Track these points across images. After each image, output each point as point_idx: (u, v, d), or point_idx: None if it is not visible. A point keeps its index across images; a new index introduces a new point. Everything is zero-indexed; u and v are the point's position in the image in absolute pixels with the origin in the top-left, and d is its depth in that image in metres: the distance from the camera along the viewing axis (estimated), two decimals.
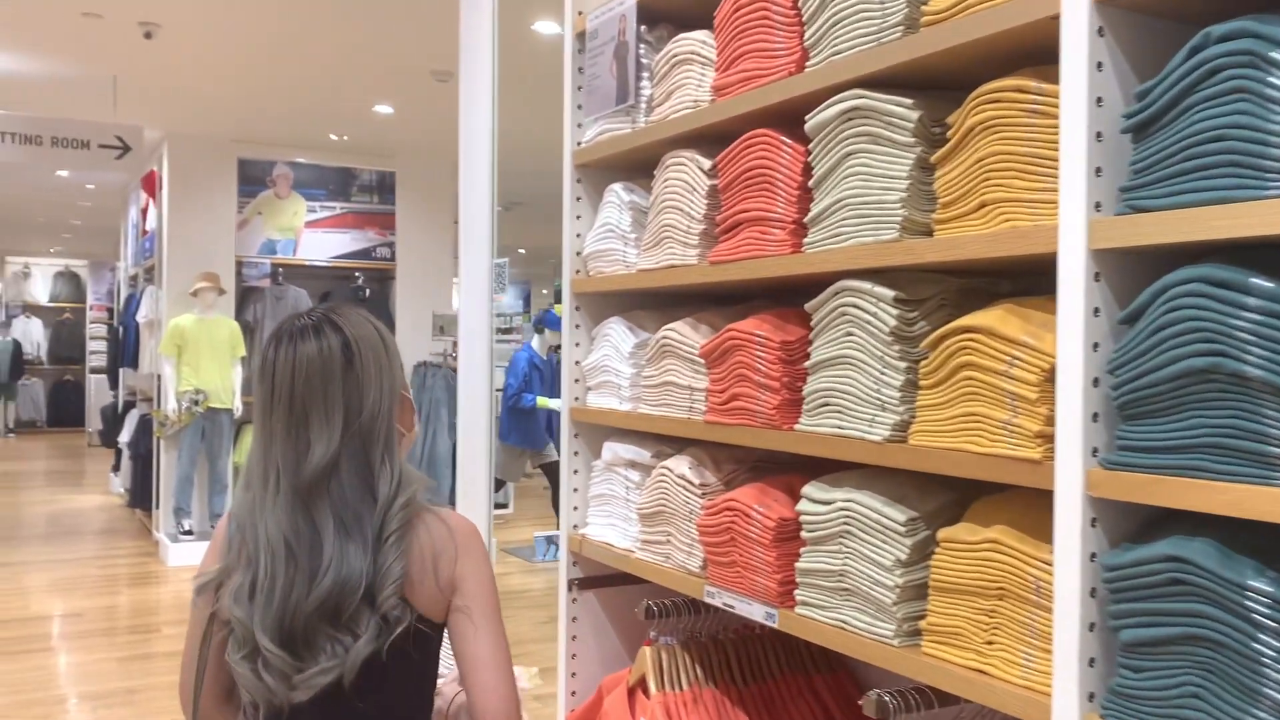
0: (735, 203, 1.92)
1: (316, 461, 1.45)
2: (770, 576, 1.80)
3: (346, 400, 1.48)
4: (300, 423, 1.47)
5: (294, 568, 1.44)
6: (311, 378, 1.47)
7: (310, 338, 1.49)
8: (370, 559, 1.45)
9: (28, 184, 10.78)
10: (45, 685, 5.24)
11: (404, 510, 1.49)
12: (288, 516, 1.46)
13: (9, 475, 12.98)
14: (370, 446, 1.50)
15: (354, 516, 1.46)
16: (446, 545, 1.51)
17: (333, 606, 1.43)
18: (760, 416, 1.84)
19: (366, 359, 1.51)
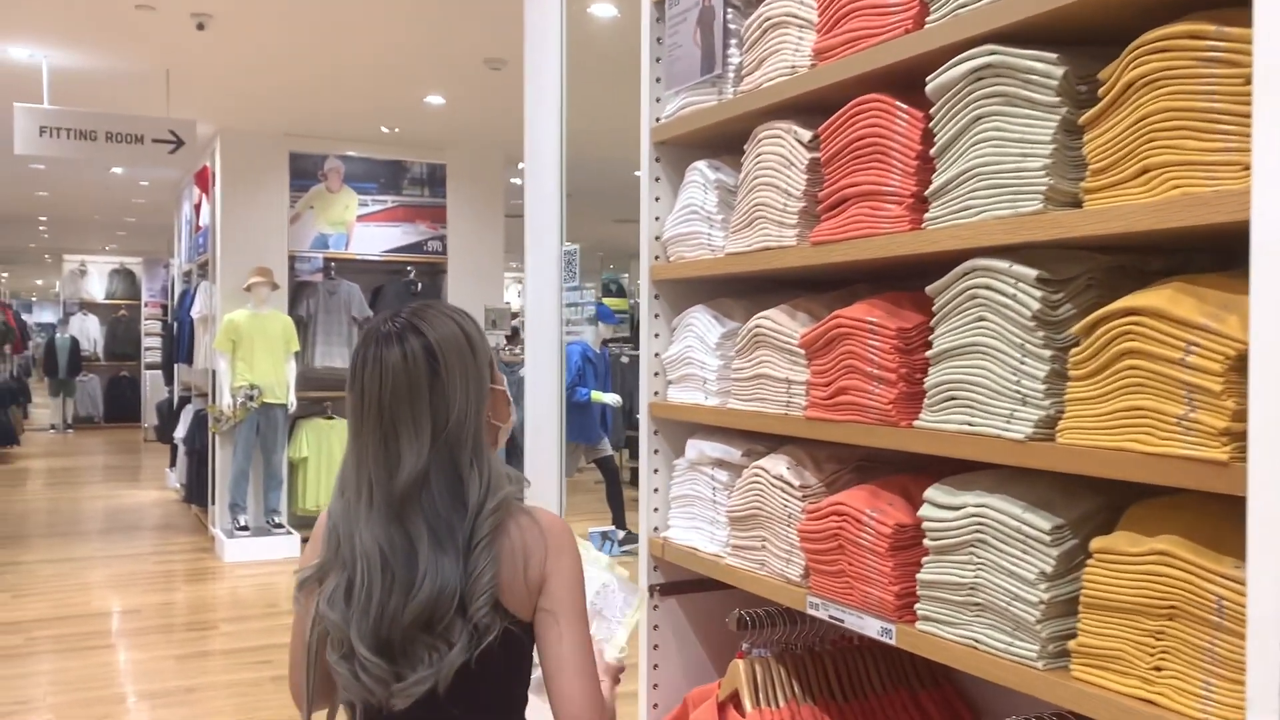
0: (841, 177, 1.74)
1: (406, 476, 1.45)
2: (886, 588, 1.63)
3: (434, 411, 1.47)
4: (390, 435, 1.47)
5: (390, 579, 1.44)
6: (398, 389, 1.46)
7: (395, 344, 1.48)
8: (462, 568, 1.45)
9: (83, 182, 10.86)
10: (105, 683, 5.21)
11: (495, 514, 1.48)
12: (383, 528, 1.46)
13: (69, 470, 13.12)
14: (458, 453, 1.48)
15: (446, 526, 1.46)
16: (537, 545, 1.50)
17: (427, 617, 1.43)
18: (873, 412, 1.66)
19: (451, 365, 1.49)
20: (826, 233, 1.76)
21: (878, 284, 2.02)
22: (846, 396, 1.71)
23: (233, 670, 5.39)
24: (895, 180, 1.64)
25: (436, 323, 1.51)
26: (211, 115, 7.75)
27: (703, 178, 2.14)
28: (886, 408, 1.63)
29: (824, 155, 1.78)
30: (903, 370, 1.62)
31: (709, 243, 2.12)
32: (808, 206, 1.84)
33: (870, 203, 1.68)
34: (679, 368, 2.22)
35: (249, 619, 6.40)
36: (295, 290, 8.49)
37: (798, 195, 1.85)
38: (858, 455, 1.91)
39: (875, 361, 1.65)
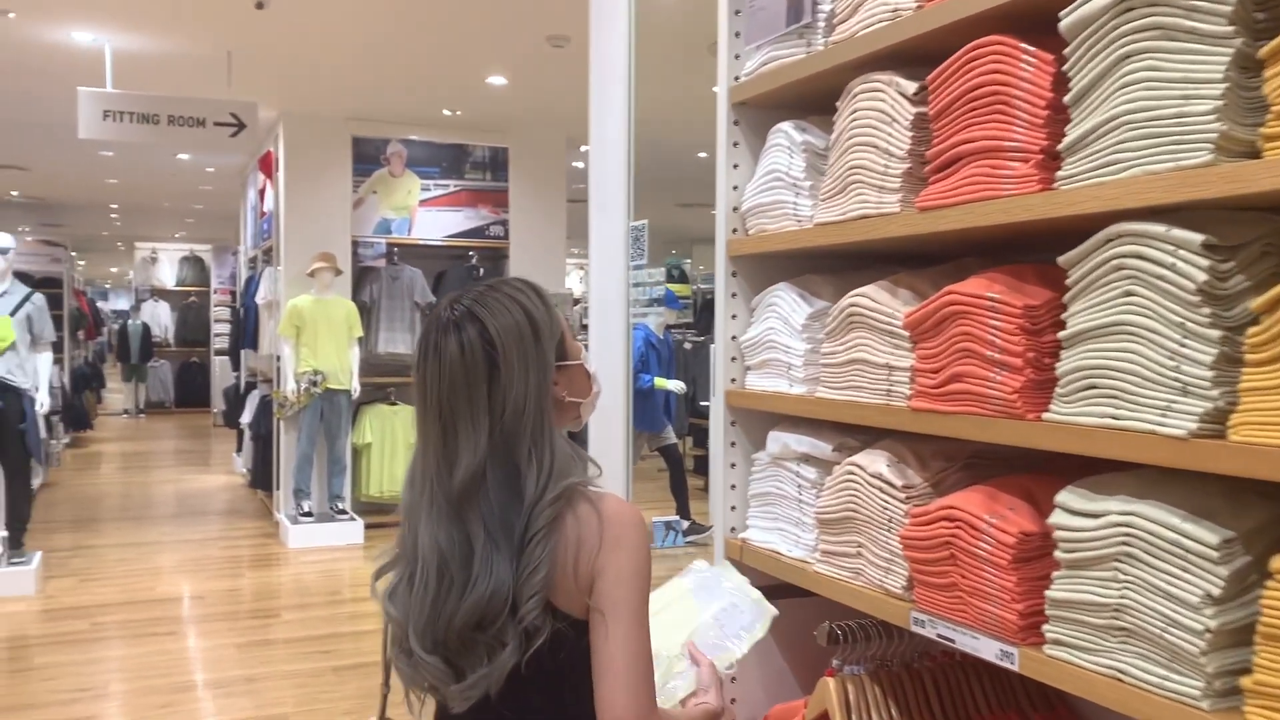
0: (953, 132, 1.52)
1: (463, 474, 1.39)
2: (1007, 605, 1.41)
3: (491, 404, 1.40)
4: (449, 430, 1.41)
5: (448, 579, 1.39)
6: (455, 382, 1.40)
7: (453, 334, 1.41)
8: (515, 566, 1.37)
9: (151, 169, 10.93)
10: (166, 671, 5.16)
11: (553, 505, 1.39)
12: (442, 527, 1.41)
13: (140, 455, 13.30)
14: (515, 446, 1.41)
15: (500, 524, 1.39)
16: (591, 536, 1.39)
17: (478, 619, 1.37)
18: (993, 402, 1.44)
19: (510, 355, 1.41)
20: (936, 197, 1.54)
21: (989, 258, 1.79)
22: (960, 385, 1.49)
23: (294, 660, 5.32)
24: (1020, 134, 1.41)
25: (497, 308, 1.42)
26: (274, 99, 7.69)
27: (788, 140, 1.93)
28: (1010, 398, 1.41)
29: (932, 109, 1.56)
30: (1029, 354, 1.40)
31: (795, 212, 1.90)
32: (912, 168, 1.62)
33: (989, 161, 1.46)
34: (759, 352, 2.02)
35: (311, 607, 6.34)
36: (358, 276, 8.44)
37: (901, 155, 1.63)
38: (968, 451, 1.69)
39: (997, 344, 1.43)
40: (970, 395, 1.48)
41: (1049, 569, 1.40)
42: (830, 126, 1.92)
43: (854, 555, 1.73)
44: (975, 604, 1.47)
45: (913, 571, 1.59)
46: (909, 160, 1.62)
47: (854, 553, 1.73)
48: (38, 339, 6.60)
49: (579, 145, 9.48)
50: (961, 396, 1.49)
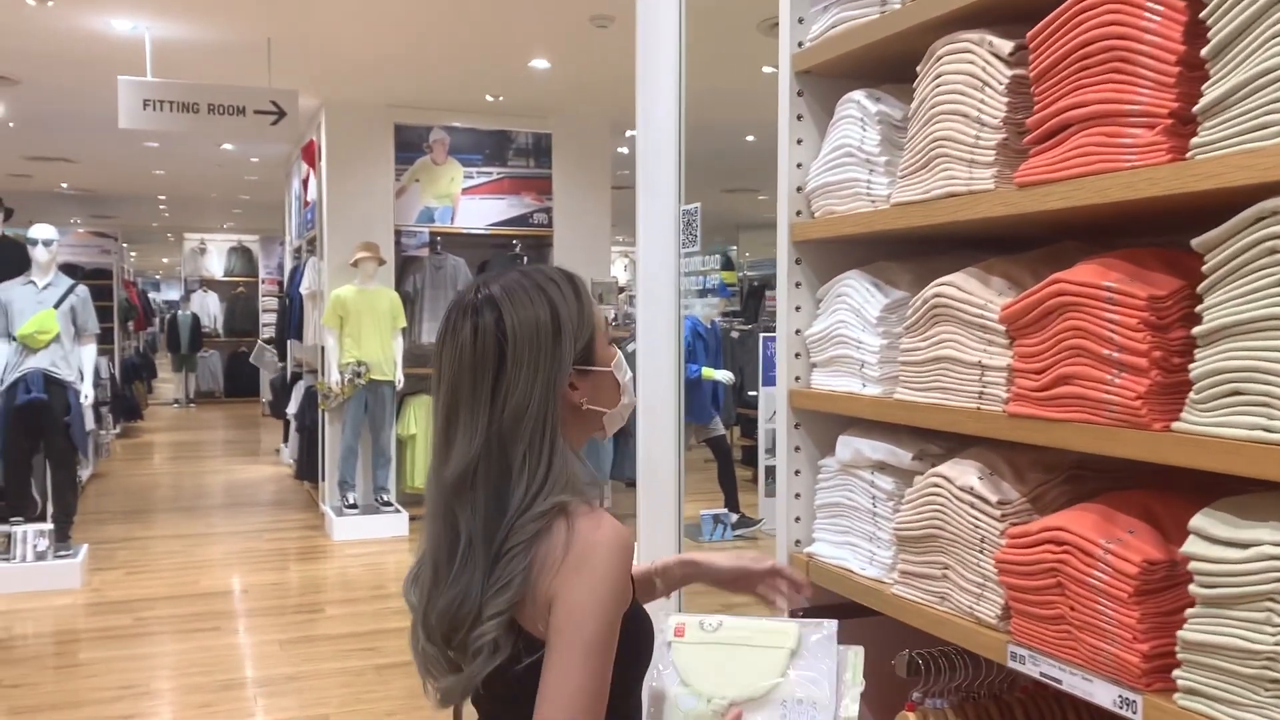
0: (1059, 96, 1.32)
1: (454, 468, 1.33)
2: (1129, 645, 1.21)
3: (493, 399, 1.33)
4: (452, 417, 1.34)
5: (439, 571, 1.34)
6: (462, 369, 1.34)
7: (469, 319, 1.34)
8: (484, 579, 1.29)
9: (196, 159, 10.92)
10: (209, 668, 5.08)
11: (537, 521, 1.29)
12: (435, 518, 1.36)
13: (190, 445, 13.38)
14: (511, 448, 1.32)
15: (482, 530, 1.31)
16: (555, 554, 1.28)
17: (448, 623, 1.32)
18: (1111, 409, 1.24)
19: (521, 351, 1.32)
20: (1040, 171, 1.33)
21: (1090, 241, 1.59)
22: (1069, 388, 1.29)
23: (338, 657, 5.22)
24: (1144, 96, 1.20)
25: (520, 299, 1.34)
26: (314, 87, 7.59)
27: (860, 111, 1.73)
28: (1133, 404, 1.20)
29: (1033, 70, 1.36)
30: (1156, 353, 1.19)
31: (869, 191, 1.71)
32: (1008, 139, 1.42)
33: (1104, 128, 1.25)
34: (827, 347, 1.82)
35: (356, 601, 6.24)
36: (402, 265, 8.34)
37: (995, 124, 1.42)
38: (1070, 461, 1.48)
39: (1116, 341, 1.23)
40: (1082, 400, 1.27)
41: (1178, 603, 1.20)
42: (907, 95, 1.72)
43: (939, 578, 1.54)
44: (1088, 640, 1.27)
45: (1010, 599, 1.39)
46: (1004, 130, 1.41)
47: (939, 575, 1.54)
48: (82, 331, 6.56)
49: (624, 130, 9.29)
50: (1071, 401, 1.29)
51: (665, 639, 1.48)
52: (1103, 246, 1.57)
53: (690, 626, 1.49)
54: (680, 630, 1.48)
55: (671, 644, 1.48)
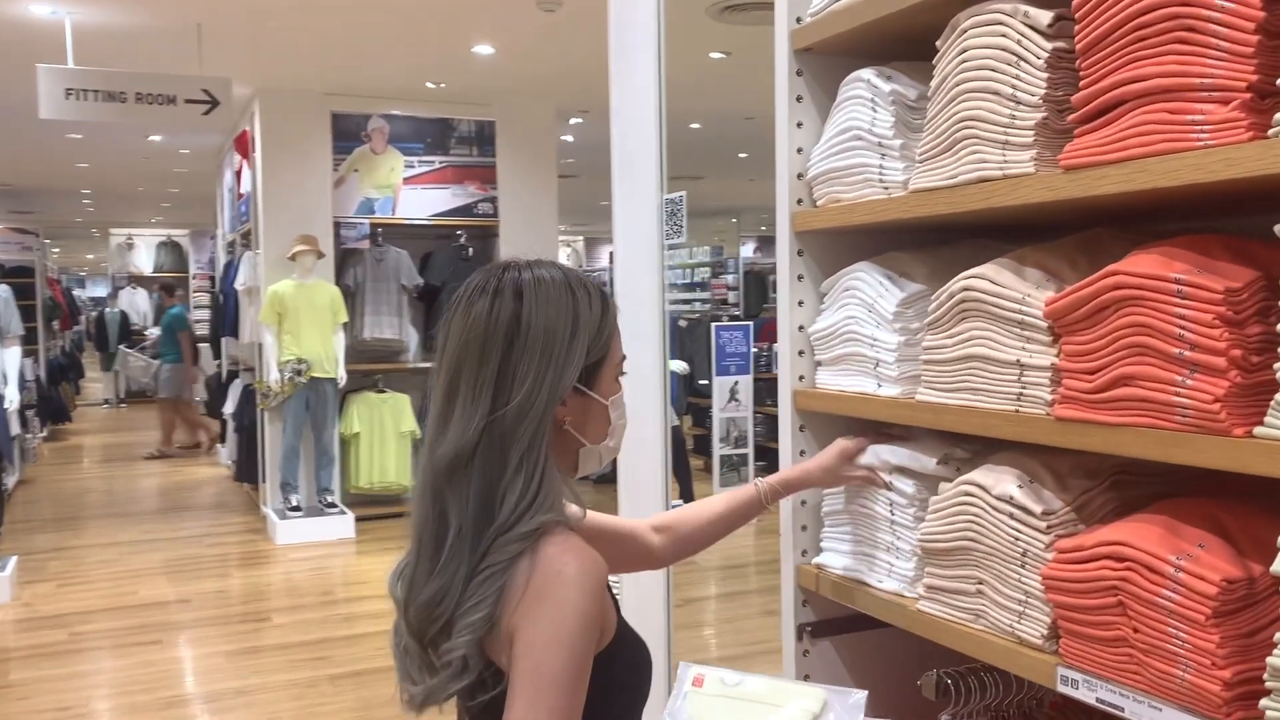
0: (1112, 70, 1.20)
1: (449, 447, 1.24)
2: (1207, 672, 1.11)
3: (497, 386, 1.24)
4: (451, 393, 1.26)
5: (424, 558, 1.26)
6: (471, 345, 1.26)
7: (487, 297, 1.26)
8: (464, 583, 1.21)
9: (123, 151, 10.50)
10: (151, 685, 4.84)
11: (520, 541, 1.20)
12: (423, 498, 1.28)
13: (121, 447, 12.92)
14: (509, 448, 1.23)
15: (474, 525, 1.22)
16: (518, 586, 1.19)
17: (426, 615, 1.23)
18: (1183, 413, 1.13)
19: (533, 343, 1.25)
20: (1091, 152, 1.21)
21: (1123, 227, 1.48)
22: (1131, 389, 1.18)
23: (288, 669, 5.01)
24: (1216, 68, 1.09)
25: (546, 295, 1.26)
26: (248, 75, 7.30)
27: (870, 91, 1.60)
28: (1209, 408, 1.09)
29: (1080, 42, 1.24)
30: (1235, 352, 1.08)
31: (881, 177, 1.58)
32: (1048, 118, 1.30)
33: (1166, 104, 1.14)
34: (835, 344, 1.70)
35: (304, 609, 6.02)
36: (341, 258, 8.09)
37: (1033, 102, 1.30)
38: (1112, 465, 1.38)
39: (1188, 339, 1.12)
40: (1146, 403, 1.16)
41: (1258, 623, 1.10)
42: (919, 73, 1.60)
43: (972, 593, 1.43)
44: (1155, 665, 1.16)
45: (1059, 618, 1.28)
46: (1044, 108, 1.29)
47: (973, 590, 1.43)
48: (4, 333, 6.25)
49: (569, 117, 9.11)
50: (1132, 404, 1.18)
51: (682, 689, 1.36)
52: (1134, 233, 1.47)
53: (710, 679, 1.37)
54: (699, 681, 1.36)
55: (688, 694, 1.35)
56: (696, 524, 1.62)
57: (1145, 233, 1.47)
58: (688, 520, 1.62)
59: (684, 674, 1.39)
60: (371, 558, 7.15)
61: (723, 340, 8.24)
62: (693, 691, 1.37)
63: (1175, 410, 1.13)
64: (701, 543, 1.63)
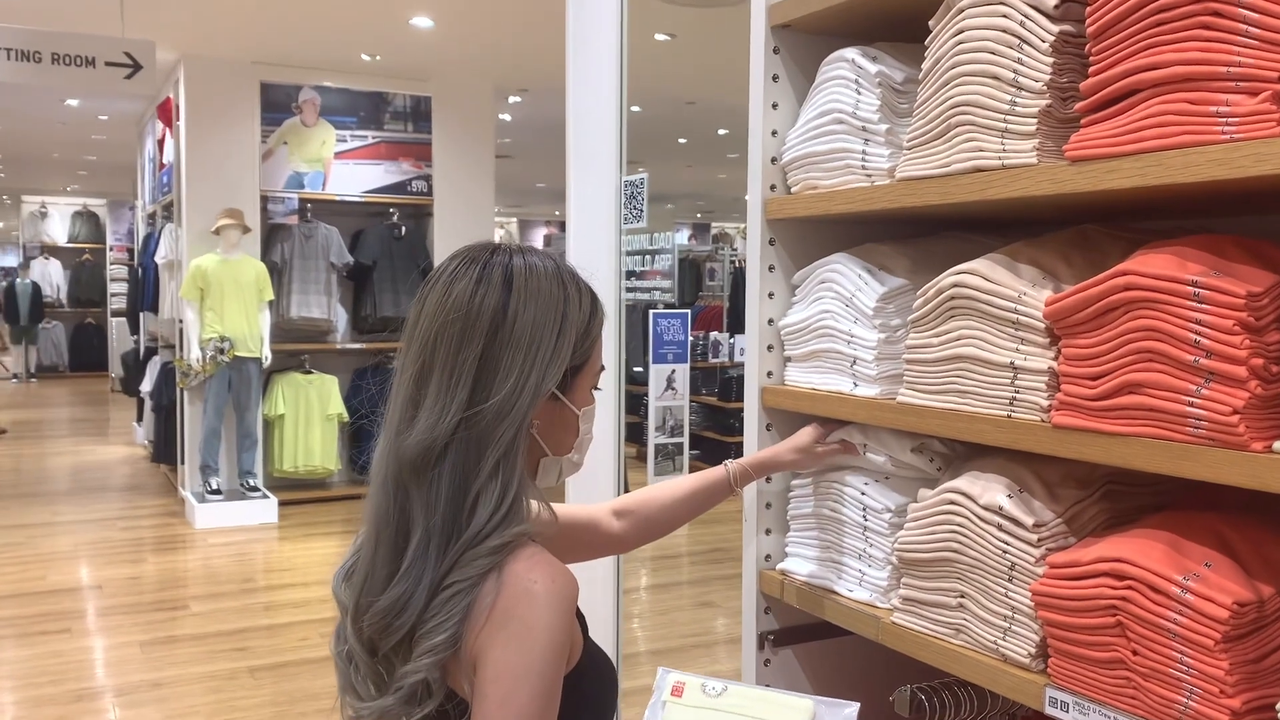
0: (1126, 56, 1.12)
1: (419, 435, 1.13)
2: (1213, 700, 1.04)
3: (477, 376, 1.14)
4: (424, 377, 1.15)
5: (380, 558, 1.14)
6: (449, 327, 1.15)
7: (471, 279, 1.16)
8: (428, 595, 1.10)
9: (36, 115, 10.02)
10: (59, 677, 4.61)
11: (491, 556, 1.10)
12: (383, 488, 1.16)
13: (31, 424, 12.43)
14: (485, 449, 1.13)
15: (442, 530, 1.11)
16: (483, 607, 1.09)
17: (381, 628, 1.12)
18: (1197, 425, 1.06)
19: (519, 336, 1.14)
20: (1101, 143, 1.14)
21: (1108, 224, 1.42)
22: (1138, 398, 1.11)
23: (205, 660, 4.80)
24: (1245, 56, 1.02)
25: (537, 284, 1.16)
26: (173, 39, 6.98)
27: (854, 72, 1.51)
28: (1227, 420, 1.02)
29: (1091, 25, 1.16)
30: (1256, 361, 1.02)
31: (864, 164, 1.49)
32: (1052, 105, 1.22)
33: (1188, 94, 1.06)
34: (808, 340, 1.61)
35: (222, 597, 5.80)
36: (268, 234, 7.82)
37: (1037, 89, 1.22)
38: (1102, 475, 1.31)
39: (1203, 346, 1.05)
40: (1154, 413, 1.09)
41: (1266, 648, 1.04)
42: (906, 55, 1.51)
43: (953, 607, 1.35)
44: (1155, 690, 1.10)
45: (1050, 637, 1.21)
46: (1048, 95, 1.22)
47: (953, 604, 1.35)
48: None
49: (508, 95, 8.92)
50: (1139, 414, 1.11)
51: (660, 698, 1.26)
52: (1121, 230, 1.41)
53: (691, 688, 1.27)
54: (679, 690, 1.26)
55: (666, 703, 1.25)
56: (661, 506, 1.53)
57: (1133, 230, 1.42)
58: (652, 502, 1.53)
59: (662, 681, 1.30)
60: (295, 544, 6.94)
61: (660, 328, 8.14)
62: (671, 701, 1.27)
63: (1188, 421, 1.06)
64: (666, 526, 1.54)
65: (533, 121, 9.75)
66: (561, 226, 19.52)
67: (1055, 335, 1.21)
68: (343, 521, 7.43)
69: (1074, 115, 1.20)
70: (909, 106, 1.45)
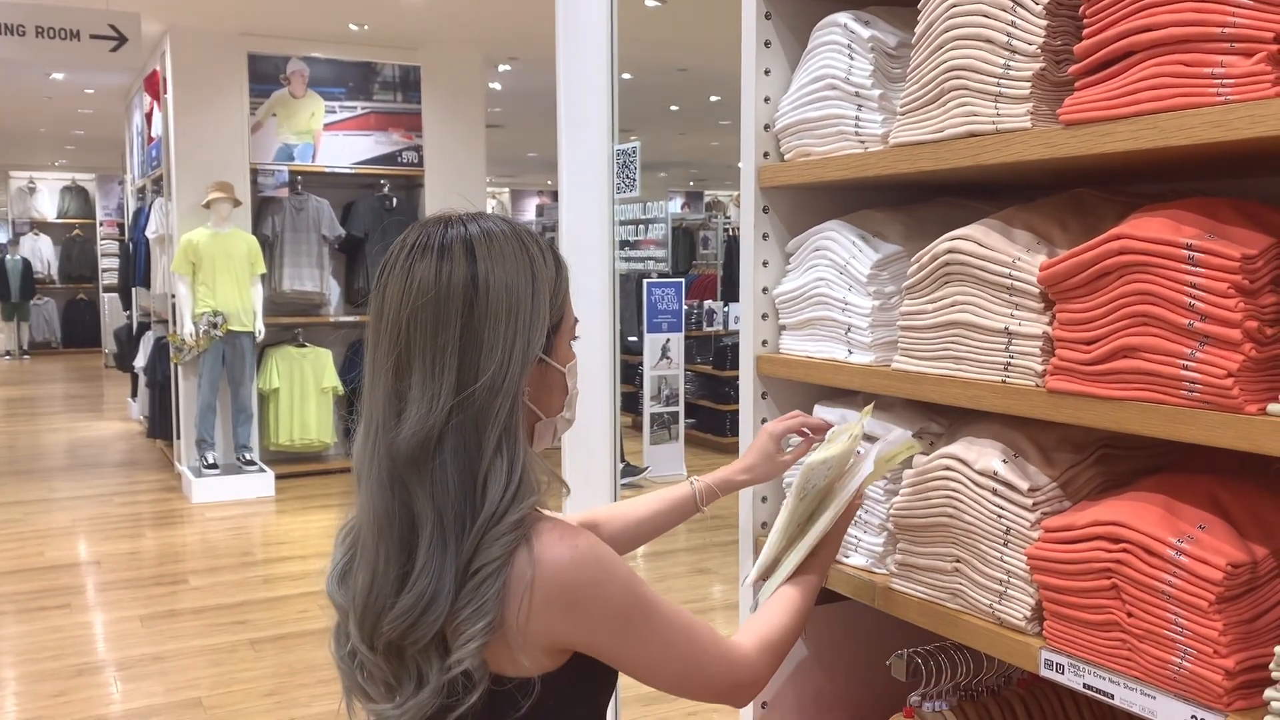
0: (1121, 18, 1.11)
1: (412, 429, 1.10)
2: (1207, 660, 1.05)
3: (461, 355, 1.10)
4: (403, 368, 1.12)
5: (386, 559, 1.11)
6: (420, 312, 1.11)
7: (430, 257, 1.12)
8: (453, 589, 1.08)
9: (21, 89, 9.93)
10: (60, 652, 4.63)
11: (512, 533, 1.09)
12: (381, 488, 1.12)
13: (25, 400, 12.42)
14: (484, 427, 1.11)
15: (455, 517, 1.09)
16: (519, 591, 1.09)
17: (406, 626, 1.09)
18: (1190, 387, 1.06)
19: (496, 306, 1.11)
20: (1095, 106, 1.13)
21: (1101, 187, 1.41)
22: (1132, 362, 1.11)
23: (206, 633, 4.83)
24: (1238, 16, 1.01)
25: (501, 249, 1.13)
26: (158, 10, 6.91)
27: (847, 37, 1.50)
28: (1221, 382, 1.03)
29: None
30: (1250, 324, 1.02)
31: (857, 130, 1.48)
32: (1046, 69, 1.21)
33: (1183, 55, 1.06)
34: (803, 308, 1.61)
35: (221, 570, 5.83)
36: (259, 207, 7.79)
37: (1030, 52, 1.21)
38: (1098, 439, 1.32)
39: (1198, 309, 1.04)
40: (1149, 376, 1.09)
41: (1259, 609, 1.05)
42: (899, 19, 1.50)
43: (948, 571, 1.36)
44: (1149, 651, 1.11)
45: (1045, 600, 1.22)
46: (1041, 58, 1.21)
47: (948, 569, 1.36)
48: None
49: (497, 64, 8.85)
50: (1134, 377, 1.11)
51: None
52: (1115, 193, 1.40)
53: None
54: None
55: None
56: (625, 524, 1.52)
57: (1127, 194, 1.41)
58: (616, 519, 1.52)
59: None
60: (292, 516, 6.96)
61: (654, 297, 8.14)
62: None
63: (1182, 384, 1.06)
64: (629, 544, 1.53)
65: (523, 90, 9.67)
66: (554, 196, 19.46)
67: (1049, 300, 1.21)
68: (340, 494, 7.44)
69: (1068, 79, 1.19)
70: (902, 71, 1.44)
